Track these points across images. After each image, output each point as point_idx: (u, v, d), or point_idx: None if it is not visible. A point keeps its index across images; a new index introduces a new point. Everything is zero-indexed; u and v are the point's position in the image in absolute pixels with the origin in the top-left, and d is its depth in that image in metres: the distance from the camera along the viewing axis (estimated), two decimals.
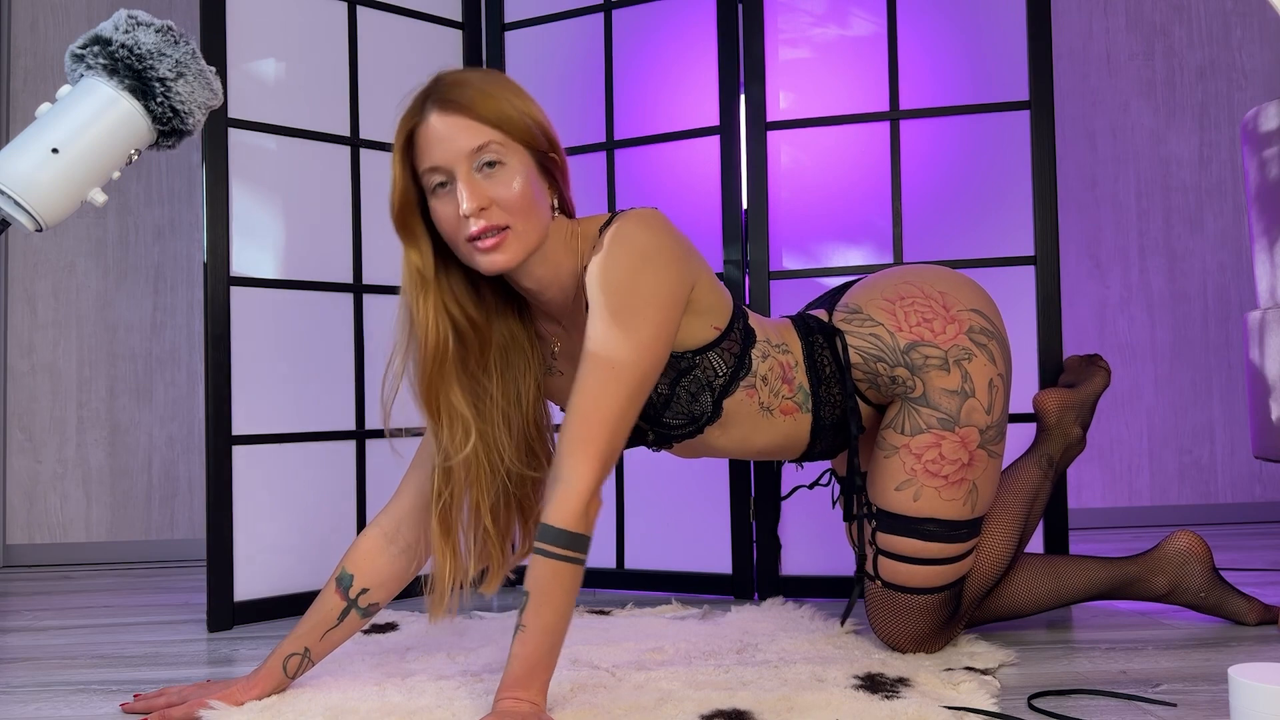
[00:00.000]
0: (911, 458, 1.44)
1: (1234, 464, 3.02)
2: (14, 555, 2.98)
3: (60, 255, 3.03)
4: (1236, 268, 3.04)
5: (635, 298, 1.23)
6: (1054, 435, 1.74)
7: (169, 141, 1.16)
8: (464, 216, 1.22)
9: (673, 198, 2.20)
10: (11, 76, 3.05)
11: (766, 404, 1.44)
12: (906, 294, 1.48)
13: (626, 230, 1.26)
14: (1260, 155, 1.86)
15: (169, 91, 1.11)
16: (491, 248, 1.23)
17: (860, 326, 1.47)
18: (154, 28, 1.11)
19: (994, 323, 1.49)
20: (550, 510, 1.19)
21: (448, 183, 1.24)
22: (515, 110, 1.26)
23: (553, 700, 1.31)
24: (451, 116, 1.23)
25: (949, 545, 1.46)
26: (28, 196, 1.05)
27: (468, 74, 1.29)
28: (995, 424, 1.45)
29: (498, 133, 1.23)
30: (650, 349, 1.24)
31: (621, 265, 1.23)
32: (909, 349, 1.44)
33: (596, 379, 1.21)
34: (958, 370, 1.43)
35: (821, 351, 1.46)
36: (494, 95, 1.25)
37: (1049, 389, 1.78)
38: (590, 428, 1.20)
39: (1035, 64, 1.97)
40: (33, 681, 1.58)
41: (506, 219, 1.23)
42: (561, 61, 2.33)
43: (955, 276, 1.54)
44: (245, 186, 2.03)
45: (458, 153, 1.22)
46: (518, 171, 1.24)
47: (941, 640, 1.52)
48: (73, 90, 1.11)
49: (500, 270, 1.26)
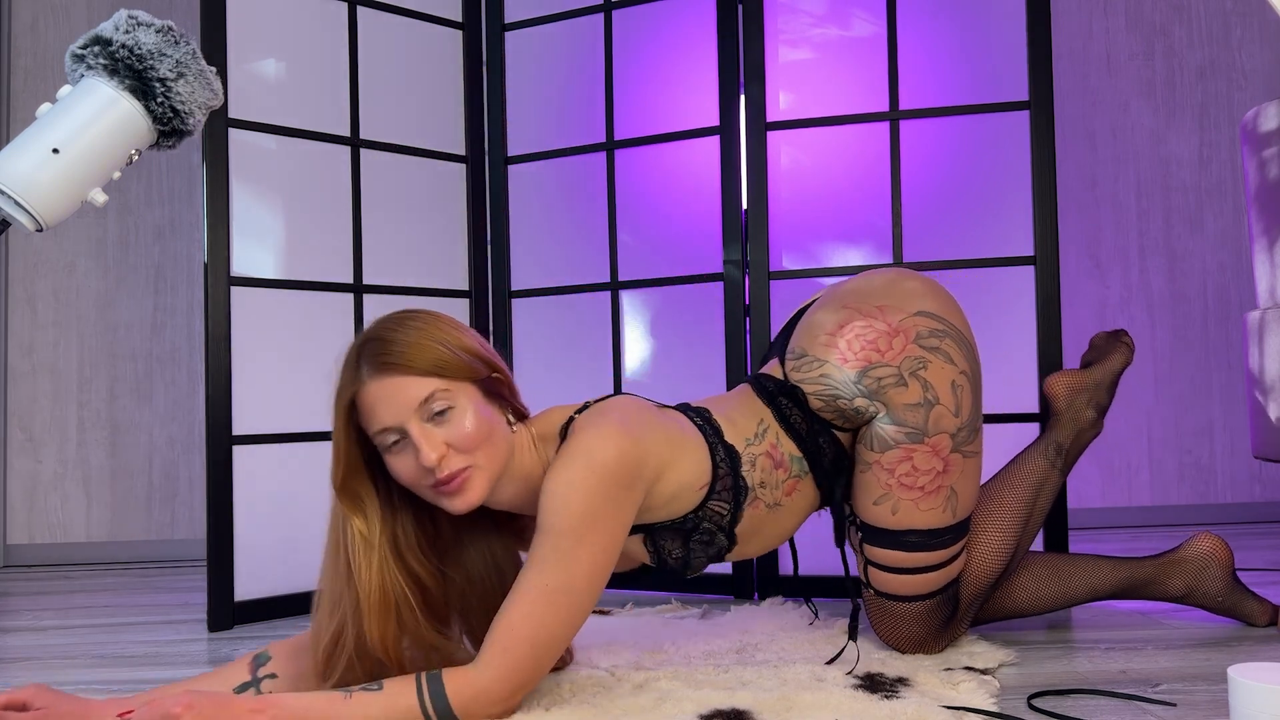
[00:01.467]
0: (884, 473, 1.43)
1: (1234, 464, 3.02)
2: (14, 555, 2.98)
3: (61, 255, 3.03)
4: (1236, 268, 3.04)
5: (576, 521, 1.21)
6: (1064, 421, 1.69)
7: (169, 141, 1.16)
8: (426, 470, 1.21)
9: (672, 198, 2.20)
10: (11, 76, 3.05)
11: (773, 502, 1.43)
12: (845, 321, 1.45)
13: (583, 445, 1.24)
14: (1260, 155, 1.86)
15: (169, 92, 1.11)
16: (457, 489, 1.23)
17: (810, 371, 1.44)
18: (154, 28, 1.11)
19: (945, 318, 1.45)
20: (454, 677, 1.17)
21: (400, 439, 1.22)
22: (449, 352, 1.24)
23: (552, 700, 1.31)
24: (390, 378, 1.21)
25: (933, 553, 1.45)
26: (28, 196, 1.05)
27: (393, 329, 1.25)
28: (966, 424, 1.44)
29: (439, 380, 1.22)
30: (588, 572, 1.22)
31: (568, 486, 1.21)
32: (860, 377, 1.41)
33: (529, 597, 1.20)
34: (916, 382, 1.40)
35: (791, 411, 1.45)
36: (425, 344, 1.23)
37: (1059, 372, 1.73)
38: (513, 637, 1.19)
39: (1035, 64, 1.97)
40: (33, 681, 1.58)
41: (467, 459, 1.23)
42: (561, 61, 2.33)
43: (892, 281, 1.49)
44: (246, 186, 2.03)
45: (405, 409, 1.21)
46: (467, 410, 1.23)
47: (943, 641, 1.52)
48: (73, 90, 1.11)
49: (471, 508, 1.25)
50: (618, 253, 2.25)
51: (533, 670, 1.20)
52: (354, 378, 1.23)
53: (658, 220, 2.22)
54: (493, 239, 2.38)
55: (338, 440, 1.26)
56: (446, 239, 2.34)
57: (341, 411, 1.25)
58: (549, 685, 1.37)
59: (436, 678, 1.17)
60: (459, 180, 2.37)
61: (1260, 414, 1.89)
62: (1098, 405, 1.71)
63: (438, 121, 2.34)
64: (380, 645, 1.24)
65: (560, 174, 2.33)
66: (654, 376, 2.21)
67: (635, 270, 2.23)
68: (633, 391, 2.22)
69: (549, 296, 2.32)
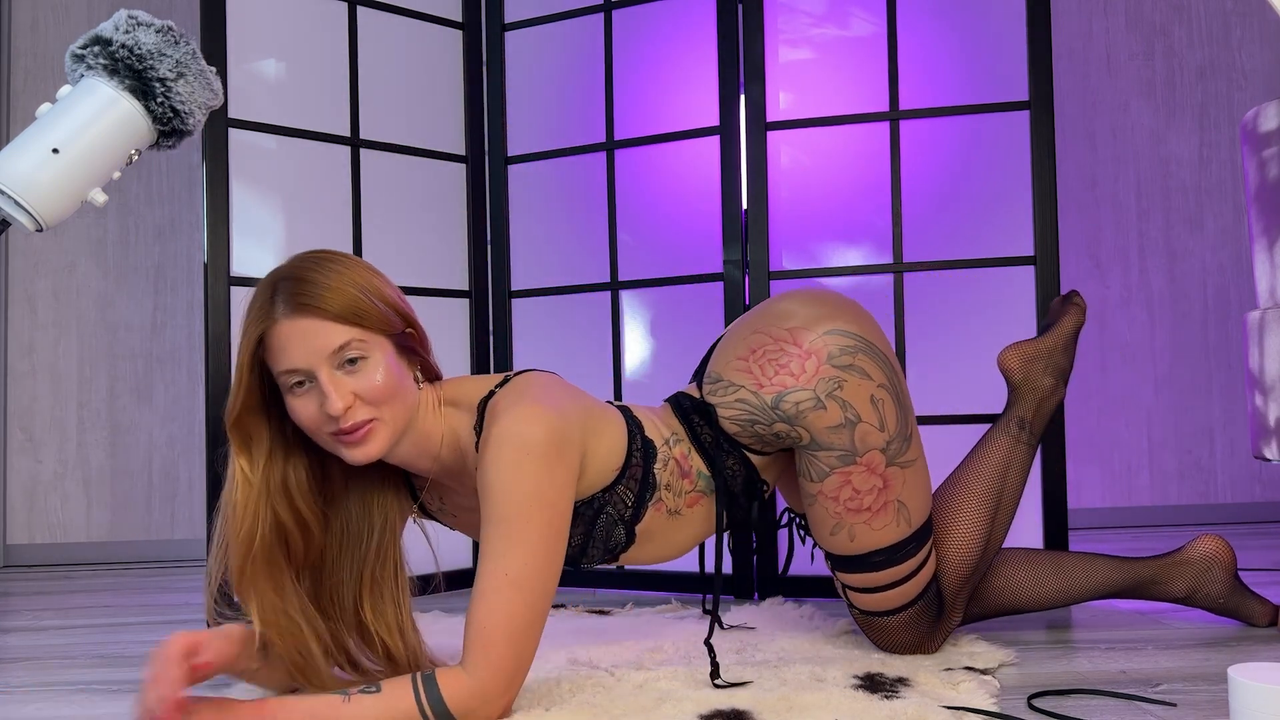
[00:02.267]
0: (830, 501, 1.42)
1: (1234, 464, 3.02)
2: (14, 555, 2.98)
3: (60, 255, 3.03)
4: (1236, 268, 3.04)
5: (519, 504, 1.20)
6: (1023, 393, 1.65)
7: (169, 141, 1.16)
8: (330, 417, 1.20)
9: (672, 198, 2.21)
10: (11, 76, 3.05)
11: (674, 508, 1.42)
12: (757, 345, 1.44)
13: (502, 429, 1.22)
14: (1260, 155, 1.86)
15: (169, 92, 1.11)
16: (359, 440, 1.22)
17: (726, 395, 1.43)
18: (154, 28, 1.11)
19: (857, 334, 1.43)
20: (447, 678, 1.16)
21: (306, 382, 1.21)
22: (368, 301, 1.22)
23: (552, 700, 1.31)
24: (305, 319, 1.19)
25: (900, 566, 1.45)
26: (28, 196, 1.05)
27: (313, 269, 1.23)
28: (895, 436, 1.42)
29: (355, 329, 1.20)
30: (543, 550, 1.22)
31: (502, 472, 1.21)
32: (776, 403, 1.40)
33: (493, 589, 1.19)
34: (834, 403, 1.39)
35: (702, 429, 1.44)
36: (344, 290, 1.21)
37: (1010, 345, 1.68)
38: (488, 634, 1.18)
39: (1035, 64, 1.97)
40: (33, 681, 1.58)
41: (372, 411, 1.22)
42: (561, 61, 2.33)
43: (803, 301, 1.47)
44: (245, 186, 2.03)
45: (317, 354, 1.19)
46: (379, 363, 1.22)
47: (938, 639, 1.52)
48: (73, 90, 1.11)
49: (368, 460, 1.24)
50: (618, 253, 2.25)
51: (517, 660, 1.20)
52: (267, 313, 1.20)
53: (658, 220, 2.22)
54: (493, 239, 2.38)
55: (239, 375, 1.24)
56: (446, 239, 2.34)
57: (248, 346, 1.22)
58: (549, 685, 1.37)
59: (431, 679, 1.17)
60: (459, 180, 2.37)
61: (1260, 414, 1.89)
62: (1056, 371, 1.66)
63: (438, 121, 2.34)
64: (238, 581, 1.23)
65: (560, 174, 2.33)
66: (654, 376, 2.21)
67: (635, 270, 2.23)
68: (633, 392, 2.22)
69: (549, 296, 2.32)
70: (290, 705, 1.16)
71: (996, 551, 1.60)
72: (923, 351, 2.02)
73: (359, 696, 1.15)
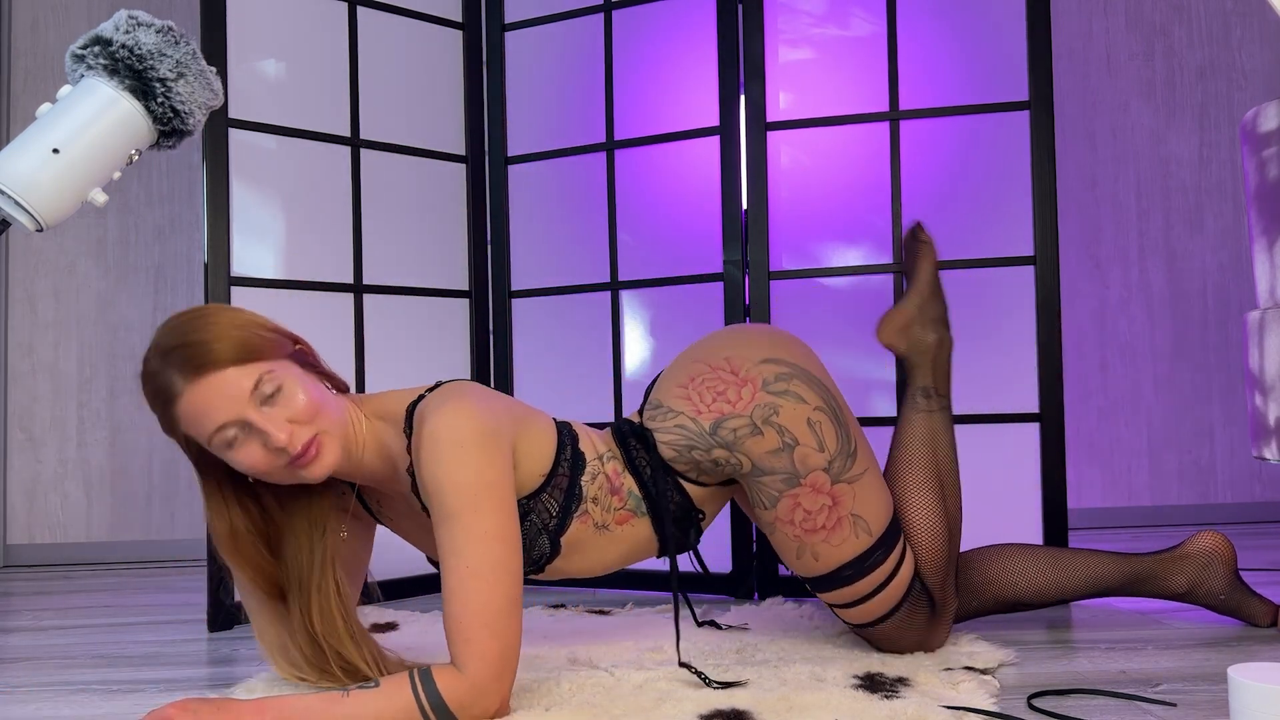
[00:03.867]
0: (786, 525, 1.43)
1: (1234, 464, 3.02)
2: (14, 555, 2.98)
3: (61, 255, 3.03)
4: (1236, 268, 3.04)
5: (463, 495, 1.22)
6: (914, 361, 1.63)
7: (169, 141, 1.16)
8: (277, 450, 1.22)
9: (672, 198, 2.21)
10: (12, 76, 3.05)
11: (601, 523, 1.42)
12: (696, 373, 1.45)
13: (432, 430, 1.24)
14: (1259, 155, 1.86)
15: (169, 92, 1.11)
16: (313, 458, 1.24)
17: (665, 420, 1.45)
18: (154, 28, 1.11)
19: (791, 361, 1.45)
20: (442, 674, 1.19)
21: (239, 433, 1.22)
22: (253, 334, 1.24)
23: (552, 700, 1.31)
24: (209, 377, 1.20)
25: (872, 576, 1.45)
26: (28, 197, 1.05)
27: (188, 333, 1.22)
28: (837, 454, 1.42)
29: (258, 364, 1.22)
30: (497, 535, 1.23)
31: (441, 467, 1.22)
32: (715, 429, 1.41)
33: (459, 583, 1.20)
34: (770, 429, 1.40)
35: (638, 453, 1.44)
36: (228, 334, 1.22)
37: (882, 320, 1.66)
38: (465, 628, 1.19)
39: (1035, 64, 1.97)
40: (33, 681, 1.58)
41: (312, 429, 1.24)
42: (561, 61, 2.33)
43: (739, 333, 1.51)
44: (246, 186, 2.03)
45: (238, 402, 1.20)
46: (295, 384, 1.24)
47: (940, 633, 1.52)
48: (73, 90, 1.11)
49: (330, 471, 1.27)
50: (618, 253, 2.25)
51: (502, 647, 1.20)
52: (169, 391, 1.21)
53: (658, 220, 2.22)
54: (493, 239, 2.38)
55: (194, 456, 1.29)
56: (446, 239, 2.34)
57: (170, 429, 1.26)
58: (549, 685, 1.37)
59: (427, 674, 1.19)
60: (459, 180, 2.37)
61: (1260, 414, 1.89)
62: (933, 321, 1.64)
63: (438, 121, 2.34)
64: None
65: (560, 174, 2.33)
66: (654, 376, 2.21)
67: (635, 270, 2.23)
68: (633, 392, 2.22)
69: (549, 296, 2.32)
70: (289, 703, 1.17)
71: (960, 525, 1.59)
72: None
73: (358, 693, 1.17)
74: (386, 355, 2.21)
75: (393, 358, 2.22)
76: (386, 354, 2.21)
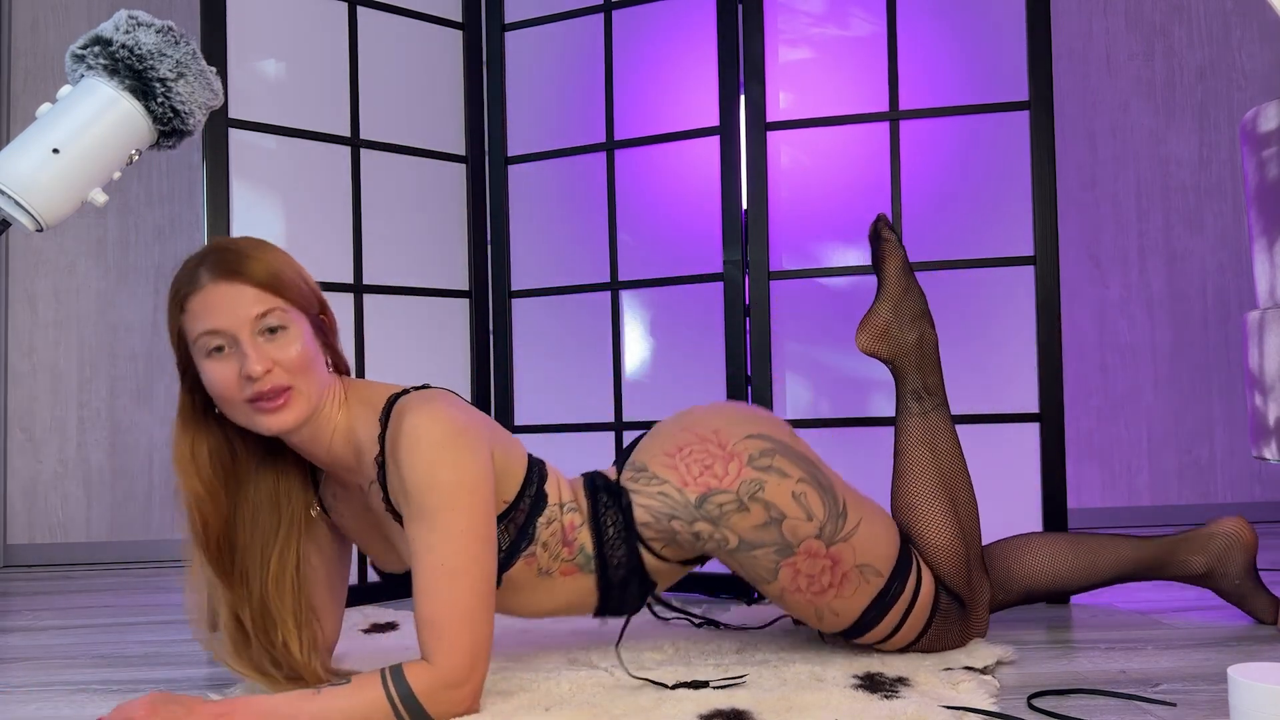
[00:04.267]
0: (794, 593, 1.43)
1: (1233, 464, 3.02)
2: (14, 555, 2.98)
3: (61, 255, 3.03)
4: (1236, 268, 3.04)
5: (441, 494, 1.22)
6: (899, 365, 1.61)
7: (169, 142, 1.16)
8: (247, 378, 1.22)
9: (672, 198, 2.21)
10: (12, 76, 3.05)
11: (546, 569, 1.41)
12: (684, 443, 1.44)
13: (414, 426, 1.24)
14: (1259, 155, 1.86)
15: (169, 92, 1.11)
16: (277, 408, 1.23)
17: (648, 485, 1.43)
18: (154, 28, 1.11)
19: (774, 437, 1.45)
20: (413, 667, 1.19)
21: (225, 347, 1.23)
22: (291, 275, 1.27)
23: (552, 700, 1.31)
24: (230, 284, 1.23)
25: (894, 610, 1.45)
26: (28, 197, 1.05)
27: (239, 243, 1.28)
28: (826, 519, 1.41)
29: (279, 299, 1.25)
30: (474, 534, 1.23)
31: (420, 464, 1.22)
32: (701, 502, 1.40)
33: (432, 582, 1.20)
34: (756, 505, 1.39)
35: (606, 511, 1.43)
36: (268, 261, 1.26)
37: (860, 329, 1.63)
38: (439, 627, 1.19)
39: (1035, 64, 1.97)
40: (33, 681, 1.58)
41: (290, 380, 1.24)
42: (561, 62, 2.33)
43: (726, 408, 1.51)
44: (246, 186, 2.03)
45: (240, 318, 1.22)
46: (298, 335, 1.25)
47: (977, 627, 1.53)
48: (73, 90, 1.11)
49: (284, 429, 1.25)
50: (618, 253, 2.25)
51: (474, 644, 1.21)
52: (192, 280, 1.24)
53: (658, 220, 2.22)
54: (493, 239, 2.38)
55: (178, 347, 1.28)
56: (446, 239, 2.34)
57: (173, 312, 1.26)
58: (549, 685, 1.37)
59: (398, 670, 1.19)
60: (459, 180, 2.37)
61: (1259, 414, 1.89)
62: (912, 318, 1.61)
63: (438, 121, 2.34)
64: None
65: (560, 174, 2.33)
66: (654, 376, 2.22)
67: (635, 270, 2.24)
68: (633, 392, 2.22)
69: (549, 296, 2.32)
70: (256, 702, 1.18)
71: (975, 518, 1.58)
72: None
73: (329, 690, 1.18)
74: (386, 355, 2.21)
75: (393, 357, 2.22)
76: (386, 354, 2.21)
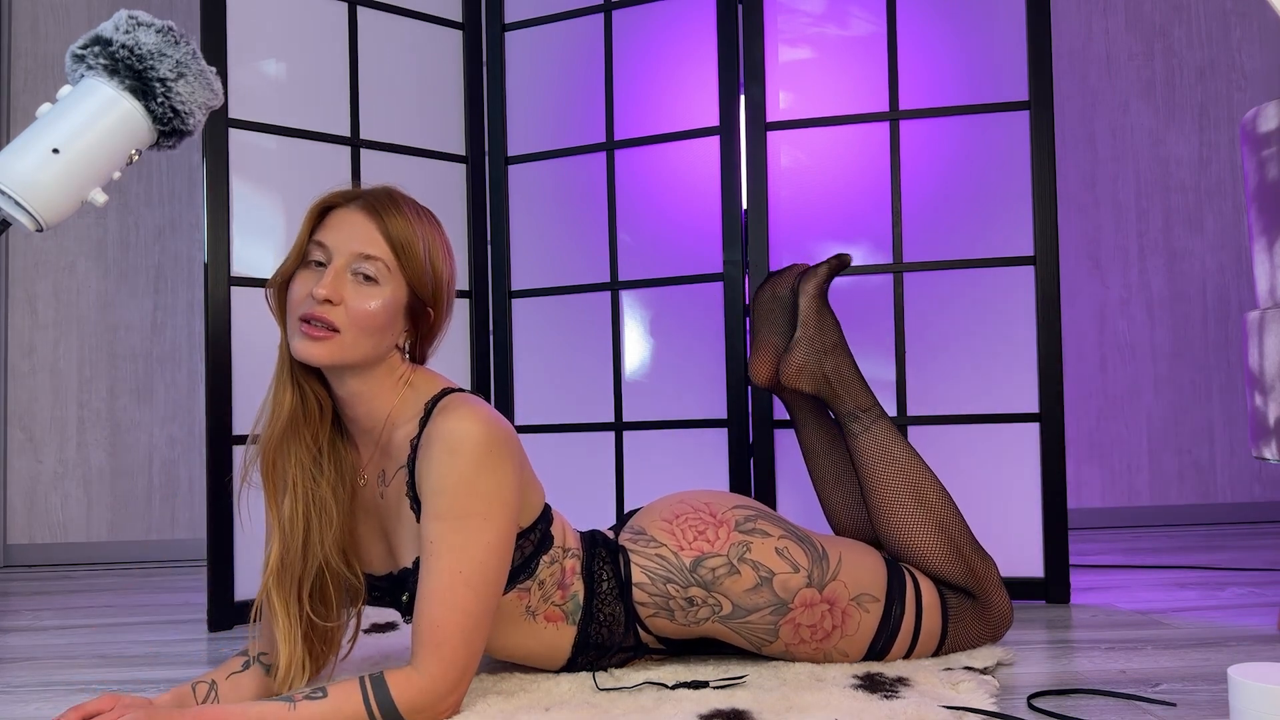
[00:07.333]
0: (800, 645, 1.44)
1: (1233, 464, 3.02)
2: (14, 555, 2.98)
3: (61, 255, 3.03)
4: (1236, 268, 3.04)
5: (477, 500, 1.21)
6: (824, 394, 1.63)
7: (169, 142, 1.16)
8: (311, 295, 1.22)
9: (672, 198, 2.21)
10: (12, 77, 3.05)
11: (533, 608, 1.39)
12: (680, 511, 1.47)
13: (457, 428, 1.22)
14: (1259, 155, 1.86)
15: (169, 92, 1.11)
16: (314, 338, 1.22)
17: (646, 547, 1.44)
18: (154, 28, 1.11)
19: (755, 506, 1.50)
20: (395, 678, 1.17)
21: (324, 263, 1.25)
22: (420, 251, 1.28)
23: (552, 700, 1.31)
24: (365, 217, 1.26)
25: (903, 628, 1.46)
26: (28, 197, 1.05)
27: (406, 200, 1.31)
28: (812, 565, 1.43)
29: (392, 258, 1.25)
30: (496, 549, 1.23)
31: (463, 464, 1.21)
32: (695, 566, 1.42)
33: (446, 586, 1.19)
34: (746, 566, 1.41)
35: (602, 565, 1.43)
36: (411, 226, 1.27)
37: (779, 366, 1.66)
38: (441, 633, 1.18)
39: (1035, 64, 1.97)
40: (33, 681, 1.58)
41: (342, 325, 1.23)
42: (561, 61, 2.33)
43: (716, 490, 1.60)
44: (246, 186, 2.03)
45: (347, 246, 1.24)
46: (384, 297, 1.25)
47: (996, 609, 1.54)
48: (73, 90, 1.11)
49: (310, 361, 1.24)
50: (618, 253, 2.25)
51: (469, 657, 1.20)
52: (345, 196, 1.29)
53: (658, 220, 2.22)
54: (493, 239, 2.38)
55: (296, 243, 1.28)
56: None
57: (312, 214, 1.29)
58: (549, 685, 1.37)
59: (379, 679, 1.17)
60: (459, 180, 2.37)
61: (1259, 414, 1.89)
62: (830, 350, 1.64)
63: (438, 121, 2.34)
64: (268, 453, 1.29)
65: (560, 174, 2.33)
66: (654, 376, 2.22)
67: (635, 270, 2.24)
68: (633, 392, 2.22)
69: (549, 296, 2.32)
70: (231, 713, 1.14)
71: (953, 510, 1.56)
72: (922, 352, 2.02)
73: (304, 702, 1.15)
74: None
75: None
76: None
